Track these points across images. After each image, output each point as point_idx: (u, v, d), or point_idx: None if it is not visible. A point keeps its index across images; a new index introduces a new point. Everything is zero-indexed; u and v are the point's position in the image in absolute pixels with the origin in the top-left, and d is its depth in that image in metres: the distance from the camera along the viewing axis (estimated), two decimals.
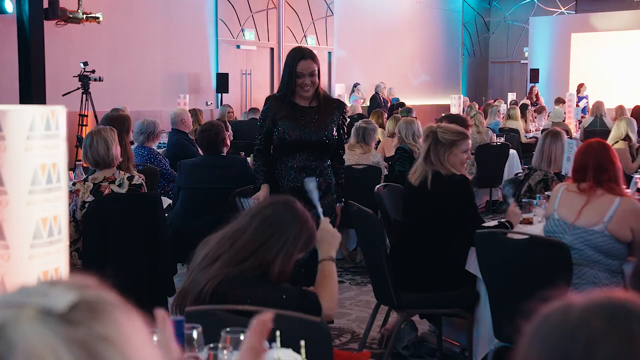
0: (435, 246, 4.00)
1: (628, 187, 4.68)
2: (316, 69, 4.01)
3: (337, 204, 4.19)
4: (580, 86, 15.76)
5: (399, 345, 4.42)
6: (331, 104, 4.17)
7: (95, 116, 9.82)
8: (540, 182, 4.89)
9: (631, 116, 9.50)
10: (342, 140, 4.23)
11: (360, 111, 12.40)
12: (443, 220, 3.98)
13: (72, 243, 4.22)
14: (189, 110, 9.05)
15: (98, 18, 10.83)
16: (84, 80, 10.11)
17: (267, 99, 4.22)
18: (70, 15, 10.42)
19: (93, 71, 10.17)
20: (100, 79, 10.16)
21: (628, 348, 0.86)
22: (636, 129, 7.33)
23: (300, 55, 4.02)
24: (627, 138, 7.20)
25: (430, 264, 4.02)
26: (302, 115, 4.04)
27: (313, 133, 4.02)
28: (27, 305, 0.72)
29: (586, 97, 15.31)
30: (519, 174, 6.58)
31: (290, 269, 2.50)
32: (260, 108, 4.44)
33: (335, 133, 4.11)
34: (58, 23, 10.42)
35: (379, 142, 7.88)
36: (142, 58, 12.11)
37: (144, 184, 4.34)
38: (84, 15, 10.65)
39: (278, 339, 1.81)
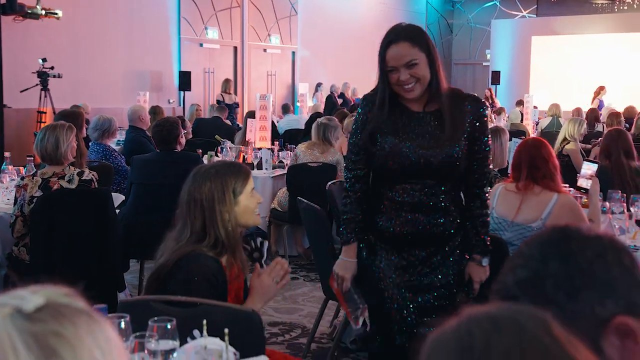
0: None
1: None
2: (419, 55, 2.64)
3: (479, 262, 2.77)
4: (601, 89, 15.12)
5: (347, 339, 4.48)
6: (461, 103, 2.73)
7: (54, 113, 9.74)
8: None
9: (624, 116, 9.70)
10: (482, 161, 2.77)
11: (322, 110, 12.46)
12: None
13: (20, 238, 4.21)
14: (150, 108, 9.05)
15: (57, 14, 10.74)
16: (43, 76, 10.02)
17: (364, 99, 2.83)
18: (29, 11, 10.31)
19: (52, 68, 10.09)
20: (59, 76, 10.08)
21: (520, 340, 0.90)
22: (580, 131, 7.48)
23: (390, 36, 2.67)
24: (570, 138, 7.37)
25: None
26: (411, 126, 2.72)
27: (433, 152, 2.68)
28: (8, 305, 0.88)
29: (601, 101, 14.79)
30: None
31: (229, 231, 2.48)
32: (224, 106, 4.16)
33: (465, 148, 2.70)
34: (16, 18, 10.31)
35: None
36: (103, 55, 12.03)
37: (94, 180, 4.34)
38: (43, 11, 10.55)
39: (205, 328, 1.85)
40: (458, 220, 2.75)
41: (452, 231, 2.75)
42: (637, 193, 4.43)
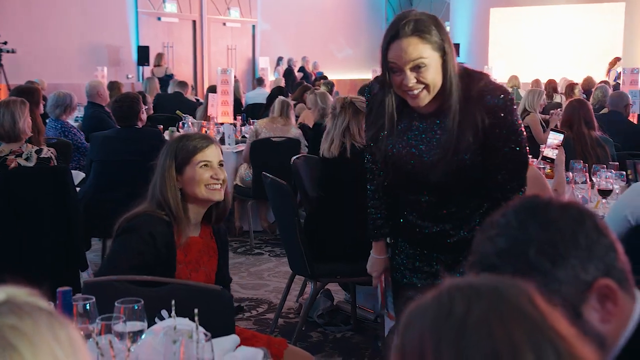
0: (351, 215, 4.04)
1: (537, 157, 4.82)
2: (430, 55, 2.21)
3: None
4: (617, 60, 14.92)
5: (314, 314, 4.48)
6: (474, 102, 2.27)
7: (9, 89, 9.51)
8: None
9: (582, 88, 9.78)
10: (506, 163, 2.34)
11: (283, 85, 12.38)
12: (362, 189, 4.03)
13: None
14: (109, 83, 8.87)
15: None
16: None
17: (367, 89, 2.52)
18: None
19: (5, 43, 9.83)
20: (13, 51, 9.83)
21: (498, 302, 0.89)
22: (540, 102, 7.57)
23: (395, 28, 2.22)
24: (530, 109, 7.45)
25: (346, 233, 4.07)
26: (413, 129, 2.38)
27: (436, 160, 2.31)
28: None
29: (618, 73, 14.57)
30: None
31: (167, 196, 2.51)
32: (186, 81, 3.95)
33: (478, 155, 2.30)
34: None
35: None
36: (58, 29, 11.76)
37: (53, 157, 4.23)
38: None
39: (173, 308, 1.81)
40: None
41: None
42: (598, 163, 4.47)
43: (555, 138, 3.96)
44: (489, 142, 2.28)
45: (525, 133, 2.36)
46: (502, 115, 2.27)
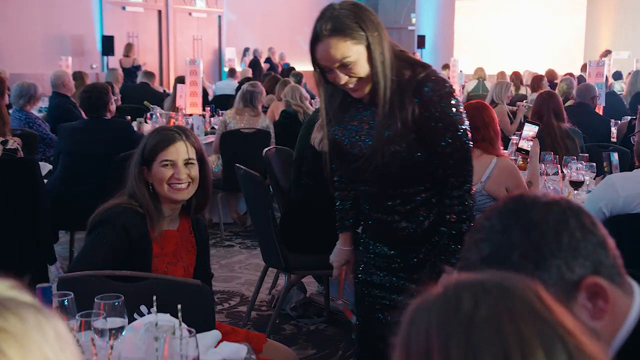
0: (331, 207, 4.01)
1: (506, 149, 4.85)
2: (353, 51, 2.15)
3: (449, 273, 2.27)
4: (608, 52, 14.78)
5: (287, 306, 4.46)
6: (409, 92, 2.21)
7: None
8: None
9: (547, 79, 9.87)
10: (448, 157, 2.25)
11: (251, 75, 12.30)
12: None
13: None
14: (73, 73, 8.72)
15: None
16: None
17: (322, 85, 2.39)
18: None
19: None
20: None
21: (506, 300, 0.88)
22: (507, 94, 7.67)
23: (316, 30, 2.17)
24: (498, 101, 7.53)
25: (326, 224, 4.04)
26: (354, 118, 2.34)
27: (370, 149, 2.26)
28: None
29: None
30: None
31: (135, 190, 2.49)
32: (152, 72, 3.95)
33: (416, 144, 2.24)
34: None
35: (267, 107, 7.87)
36: (19, 18, 11.52)
37: (20, 148, 4.15)
38: None
39: (155, 304, 1.77)
40: (427, 224, 2.32)
41: (422, 235, 2.33)
42: (567, 154, 4.52)
43: (530, 130, 3.98)
44: (424, 135, 2.21)
45: (468, 128, 2.27)
46: (438, 108, 2.19)
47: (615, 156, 4.09)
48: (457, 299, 0.88)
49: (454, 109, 2.22)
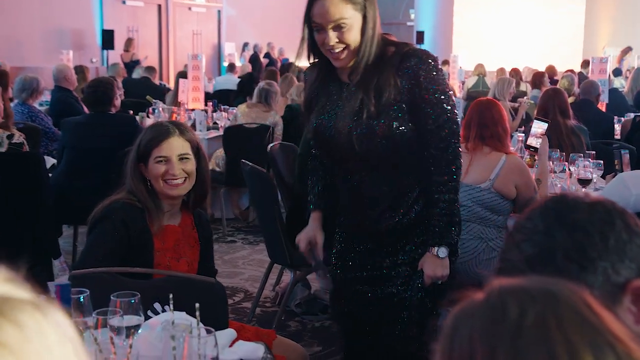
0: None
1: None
2: (352, 16, 2.18)
3: (434, 254, 2.28)
4: (629, 49, 14.75)
5: (292, 303, 4.44)
6: (391, 65, 2.24)
7: None
8: None
9: (547, 75, 9.88)
10: (435, 133, 2.25)
11: (251, 70, 12.28)
12: None
13: None
14: (75, 67, 8.69)
15: None
16: None
17: (307, 69, 2.50)
18: None
19: None
20: None
21: (553, 307, 0.86)
22: (509, 90, 7.65)
23: None
24: (499, 97, 7.52)
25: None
26: (337, 99, 2.33)
27: (355, 131, 2.24)
28: None
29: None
30: None
31: (132, 185, 2.48)
32: (153, 66, 4.00)
33: (405, 123, 2.23)
34: None
35: None
36: (18, 11, 11.46)
37: (25, 142, 4.13)
38: None
39: (171, 302, 1.75)
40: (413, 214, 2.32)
41: (408, 226, 2.33)
42: (573, 152, 4.50)
43: (539, 127, 3.96)
44: (409, 109, 2.22)
45: (453, 101, 2.28)
46: (427, 77, 2.20)
47: (626, 154, 4.07)
48: (503, 305, 0.86)
49: (440, 83, 2.24)
